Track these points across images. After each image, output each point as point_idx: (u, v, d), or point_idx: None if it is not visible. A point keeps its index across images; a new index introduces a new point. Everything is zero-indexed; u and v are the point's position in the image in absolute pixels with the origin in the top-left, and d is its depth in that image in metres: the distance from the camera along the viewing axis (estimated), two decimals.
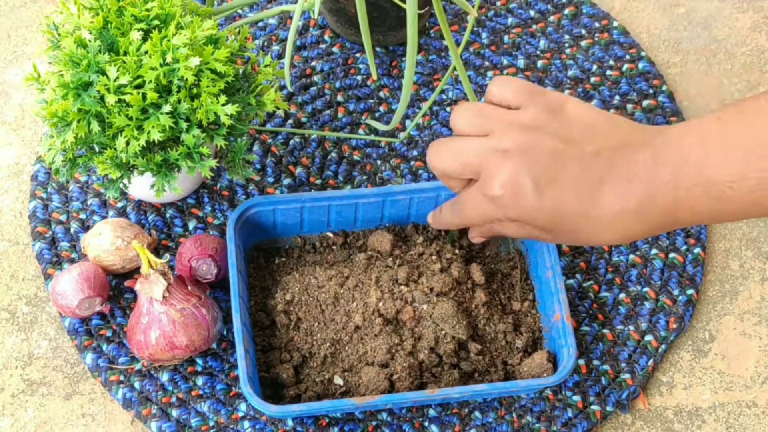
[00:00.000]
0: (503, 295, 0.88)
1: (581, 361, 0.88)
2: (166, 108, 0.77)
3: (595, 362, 0.88)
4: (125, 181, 0.83)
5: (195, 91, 0.78)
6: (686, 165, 0.67)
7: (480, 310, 0.85)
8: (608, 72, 1.02)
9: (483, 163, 0.72)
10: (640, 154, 0.69)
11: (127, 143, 0.77)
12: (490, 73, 1.02)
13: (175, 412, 0.85)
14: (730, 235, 0.96)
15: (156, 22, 0.79)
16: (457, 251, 0.88)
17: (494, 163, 0.71)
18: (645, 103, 1.01)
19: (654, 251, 0.93)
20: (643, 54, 1.03)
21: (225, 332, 0.88)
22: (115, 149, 0.78)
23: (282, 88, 0.99)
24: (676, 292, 0.92)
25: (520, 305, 0.88)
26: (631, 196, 0.69)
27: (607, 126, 0.72)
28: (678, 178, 0.67)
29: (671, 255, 0.93)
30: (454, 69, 0.97)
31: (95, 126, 0.77)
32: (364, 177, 0.96)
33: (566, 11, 1.06)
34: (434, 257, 0.87)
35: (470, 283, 0.86)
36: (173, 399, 0.85)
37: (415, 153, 0.97)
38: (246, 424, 0.84)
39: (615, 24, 1.05)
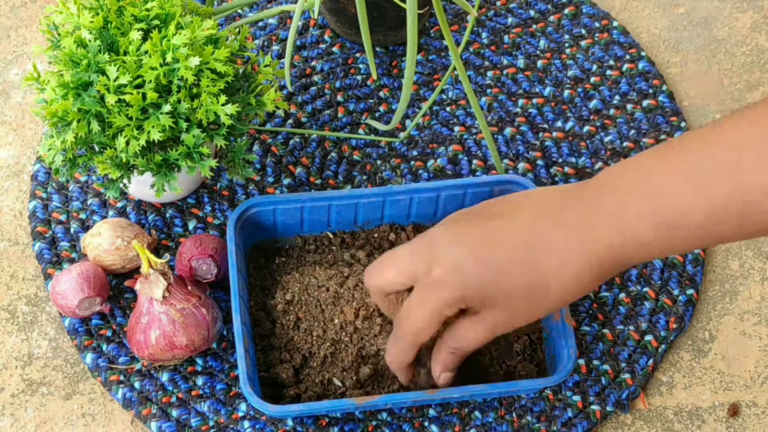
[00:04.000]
0: None
1: (581, 361, 0.88)
2: (166, 108, 0.77)
3: (595, 362, 0.88)
4: (125, 181, 0.83)
5: (195, 90, 0.78)
6: (629, 197, 0.64)
7: None
8: (608, 72, 1.02)
9: (417, 259, 0.71)
10: (572, 196, 0.67)
11: (127, 143, 0.77)
12: (490, 73, 1.02)
13: (175, 412, 0.85)
14: None
15: (156, 22, 0.79)
16: None
17: (428, 254, 0.70)
18: (645, 103, 1.01)
19: None
20: (643, 54, 1.03)
21: (225, 332, 0.88)
22: (115, 149, 0.78)
23: (282, 88, 0.99)
24: (676, 292, 0.92)
25: None
26: (574, 238, 0.66)
27: (532, 195, 0.71)
28: (621, 212, 0.65)
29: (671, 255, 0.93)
30: (454, 69, 0.97)
31: (95, 126, 0.77)
32: (364, 177, 0.96)
33: (566, 11, 1.06)
34: None
35: None
36: (173, 399, 0.85)
37: (415, 153, 0.97)
38: (246, 424, 0.84)
39: (615, 24, 1.05)
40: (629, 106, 1.00)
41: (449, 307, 0.70)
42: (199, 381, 0.86)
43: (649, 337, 0.89)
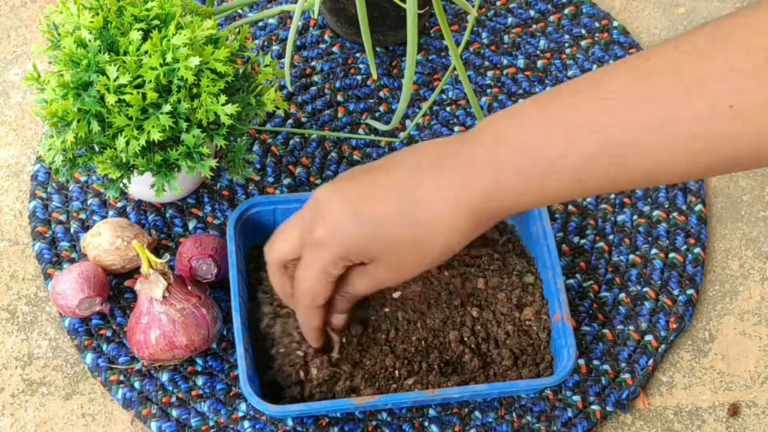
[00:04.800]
0: (504, 295, 0.88)
1: (581, 361, 0.88)
2: (166, 108, 0.77)
3: (595, 362, 0.88)
4: (125, 181, 0.83)
5: (195, 90, 0.78)
6: (502, 146, 0.64)
7: (482, 311, 0.85)
8: None
9: (303, 223, 0.71)
10: (450, 147, 0.67)
11: (127, 143, 0.77)
12: (490, 73, 1.02)
13: (175, 412, 0.85)
14: (730, 235, 0.96)
15: (156, 22, 0.79)
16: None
17: (311, 215, 0.70)
18: None
19: (654, 251, 0.93)
20: None
21: (225, 332, 0.88)
22: (115, 149, 0.78)
23: (282, 88, 0.99)
24: (676, 292, 0.92)
25: (521, 308, 0.87)
26: (449, 187, 0.66)
27: (415, 147, 0.70)
28: (494, 160, 0.64)
29: (671, 255, 0.93)
30: (454, 69, 0.97)
31: (95, 126, 0.77)
32: None
33: (566, 11, 1.06)
34: None
35: (471, 288, 0.86)
36: (173, 399, 0.85)
37: None
38: (246, 424, 0.84)
39: (615, 24, 1.05)
40: None
41: (333, 266, 0.70)
42: (199, 381, 0.86)
43: (649, 337, 0.89)
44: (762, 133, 0.57)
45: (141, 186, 0.88)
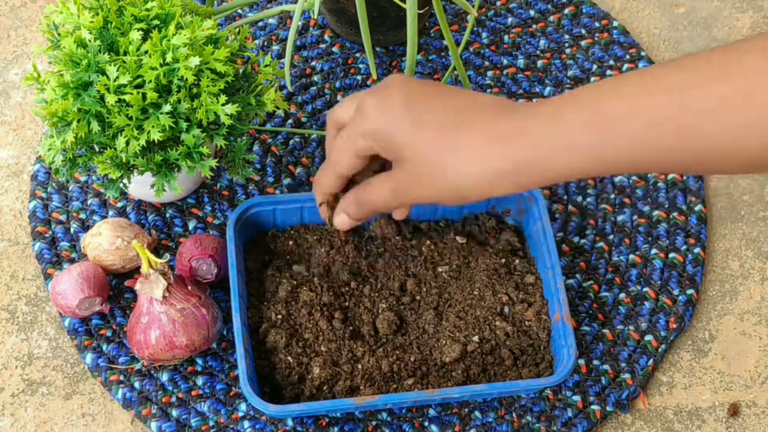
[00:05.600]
0: (503, 294, 0.88)
1: (581, 361, 0.88)
2: (166, 108, 0.77)
3: (595, 362, 0.88)
4: (125, 181, 0.83)
5: (195, 90, 0.78)
6: (566, 104, 0.63)
7: (483, 310, 0.85)
8: (608, 72, 1.02)
9: (366, 96, 0.71)
10: (513, 111, 0.66)
11: (127, 143, 0.77)
12: (490, 73, 1.02)
13: (175, 412, 0.85)
14: (730, 235, 0.96)
15: (156, 22, 0.79)
16: (458, 238, 0.88)
17: (373, 90, 0.70)
18: None
19: (654, 251, 0.93)
20: (643, 54, 1.03)
21: (225, 332, 0.88)
22: (115, 149, 0.78)
23: (282, 87, 0.99)
24: (676, 292, 0.92)
25: (524, 308, 0.87)
26: (496, 128, 0.65)
27: (482, 96, 0.69)
28: (556, 114, 0.63)
29: (671, 255, 0.93)
30: (454, 69, 0.97)
31: (95, 126, 0.77)
32: None
33: (566, 11, 1.06)
34: (436, 254, 0.87)
35: (471, 288, 0.86)
36: (173, 399, 0.85)
37: None
38: (246, 424, 0.84)
39: (615, 24, 1.05)
40: None
41: (362, 138, 0.70)
42: (199, 381, 0.86)
43: (649, 337, 0.89)
44: None
45: (141, 186, 0.88)
